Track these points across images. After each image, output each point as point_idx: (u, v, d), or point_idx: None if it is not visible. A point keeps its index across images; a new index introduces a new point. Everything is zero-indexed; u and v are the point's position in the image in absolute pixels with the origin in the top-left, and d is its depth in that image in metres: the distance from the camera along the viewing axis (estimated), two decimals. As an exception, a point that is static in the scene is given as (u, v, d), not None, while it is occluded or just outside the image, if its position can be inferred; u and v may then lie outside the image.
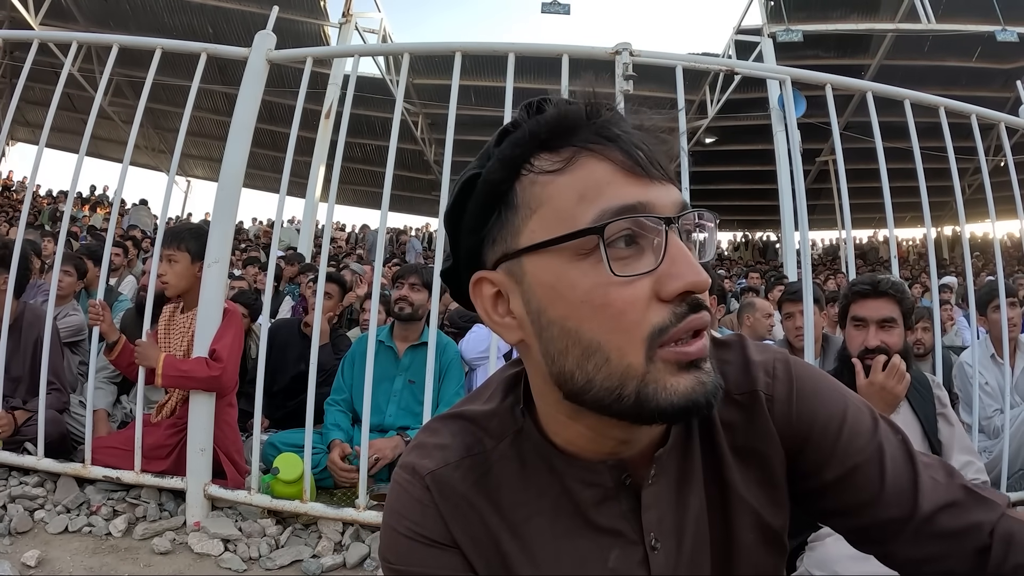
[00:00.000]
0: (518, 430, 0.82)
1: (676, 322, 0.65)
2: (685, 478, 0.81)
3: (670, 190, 0.68)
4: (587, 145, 0.68)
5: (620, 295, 0.65)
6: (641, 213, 0.65)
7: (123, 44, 3.38)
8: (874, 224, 22.78)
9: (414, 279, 3.59)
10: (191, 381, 2.94)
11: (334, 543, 2.73)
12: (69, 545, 2.62)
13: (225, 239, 3.06)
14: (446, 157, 2.96)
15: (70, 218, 3.62)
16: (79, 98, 16.08)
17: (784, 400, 0.82)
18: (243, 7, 13.91)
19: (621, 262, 0.65)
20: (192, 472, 2.89)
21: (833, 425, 0.82)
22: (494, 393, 0.87)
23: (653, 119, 0.71)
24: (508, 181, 0.71)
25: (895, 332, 2.30)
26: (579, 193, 0.67)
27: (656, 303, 0.65)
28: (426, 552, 0.80)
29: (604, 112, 0.69)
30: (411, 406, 3.55)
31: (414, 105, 17.40)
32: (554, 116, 0.69)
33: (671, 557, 0.79)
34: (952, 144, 3.32)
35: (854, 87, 3.42)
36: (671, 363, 0.65)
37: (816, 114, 9.74)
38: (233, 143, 3.10)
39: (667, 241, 0.65)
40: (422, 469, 0.81)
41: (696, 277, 0.64)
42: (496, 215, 0.72)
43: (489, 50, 3.36)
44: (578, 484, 0.78)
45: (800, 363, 0.87)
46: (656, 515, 0.79)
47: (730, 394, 0.81)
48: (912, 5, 12.47)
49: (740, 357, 0.85)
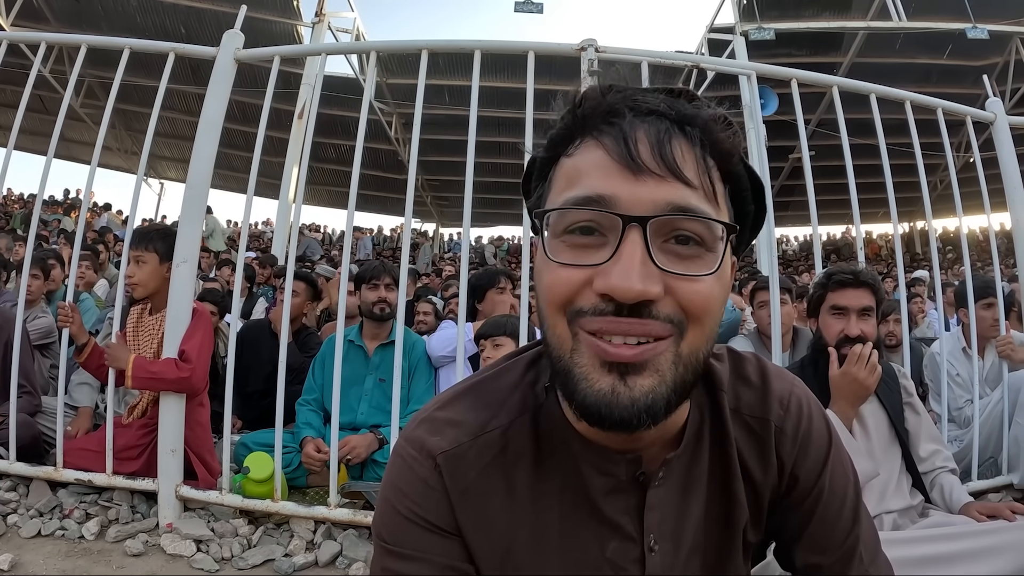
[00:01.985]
0: (539, 407, 0.83)
1: (592, 313, 0.67)
2: (690, 485, 0.83)
3: (662, 188, 0.66)
4: (595, 129, 0.70)
5: (555, 275, 0.69)
6: (596, 207, 0.66)
7: (91, 44, 3.35)
8: (848, 219, 22.99)
9: (388, 279, 3.60)
10: (161, 382, 2.92)
11: (306, 542, 2.72)
12: (42, 549, 2.60)
13: (193, 239, 3.04)
14: (412, 151, 2.95)
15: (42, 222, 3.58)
16: (52, 100, 15.83)
17: (791, 437, 0.86)
18: (215, 7, 13.81)
19: (575, 248, 0.68)
20: (163, 473, 2.88)
21: (823, 478, 0.88)
22: (515, 367, 0.88)
23: (698, 107, 0.71)
24: (550, 161, 0.75)
25: (871, 321, 2.36)
26: (568, 177, 0.70)
27: (588, 290, 0.67)
28: (424, 536, 0.79)
29: (627, 94, 0.71)
30: (382, 404, 3.54)
31: (388, 105, 17.33)
32: (587, 102, 0.72)
33: (667, 559, 0.81)
34: (922, 141, 3.36)
35: (820, 82, 3.46)
36: (595, 357, 0.67)
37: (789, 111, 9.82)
38: (201, 141, 3.08)
39: (621, 240, 0.65)
40: (434, 448, 0.80)
41: (619, 283, 0.64)
42: (541, 190, 0.77)
43: (456, 48, 3.37)
44: (592, 470, 0.79)
45: (813, 402, 0.91)
46: (658, 516, 0.81)
47: (741, 413, 0.86)
48: (883, 3, 12.61)
49: (759, 381, 0.88)
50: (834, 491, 0.87)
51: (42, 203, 3.38)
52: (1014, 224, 3.70)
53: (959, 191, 3.51)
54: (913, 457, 2.44)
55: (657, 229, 0.66)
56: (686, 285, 0.66)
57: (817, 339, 2.50)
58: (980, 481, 3.26)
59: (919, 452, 2.45)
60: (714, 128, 0.69)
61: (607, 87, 0.72)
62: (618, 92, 0.71)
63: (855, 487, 0.90)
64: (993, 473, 3.36)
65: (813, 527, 0.87)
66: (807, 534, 0.88)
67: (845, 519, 0.87)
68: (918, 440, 2.47)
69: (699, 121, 0.69)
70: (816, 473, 0.87)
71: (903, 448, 2.43)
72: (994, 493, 3.26)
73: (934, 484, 2.44)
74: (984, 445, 3.38)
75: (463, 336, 2.85)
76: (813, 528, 0.87)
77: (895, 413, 2.44)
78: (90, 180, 3.37)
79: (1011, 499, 3.16)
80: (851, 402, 2.31)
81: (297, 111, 10.56)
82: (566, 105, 0.73)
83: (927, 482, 2.44)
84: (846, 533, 0.87)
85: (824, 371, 2.36)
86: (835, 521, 0.87)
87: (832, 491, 0.87)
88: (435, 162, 18.61)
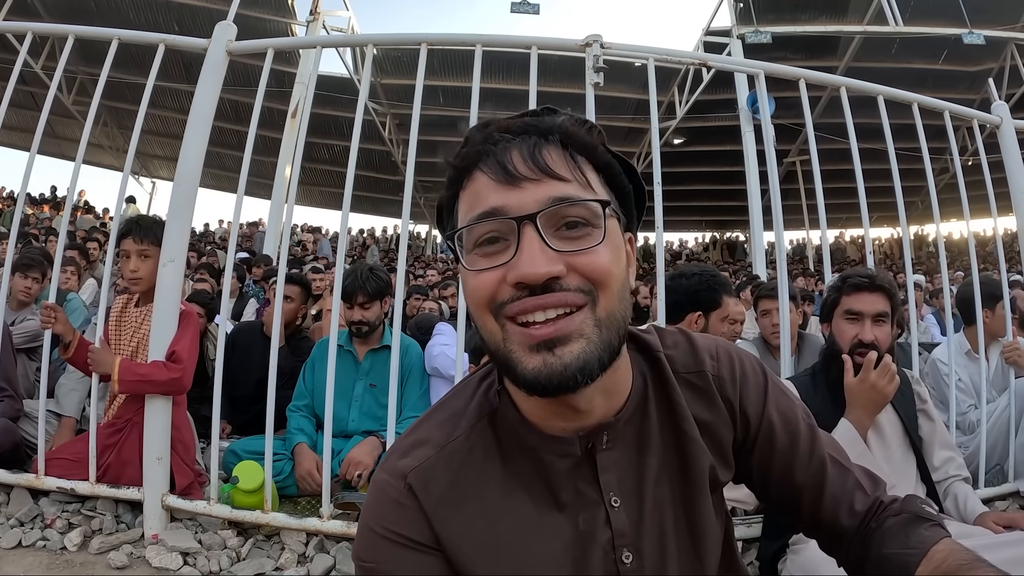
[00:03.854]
0: (494, 411, 0.92)
1: (512, 300, 0.78)
2: (644, 443, 0.92)
3: (541, 188, 0.79)
4: (476, 162, 0.83)
5: (474, 281, 0.81)
6: (493, 216, 0.80)
7: (79, 35, 3.27)
8: (841, 224, 23.11)
9: (361, 298, 3.48)
10: (150, 385, 2.82)
11: (297, 555, 2.63)
12: (23, 560, 2.51)
13: (181, 237, 2.93)
14: (410, 151, 2.87)
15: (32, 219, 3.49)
16: (43, 97, 15.74)
17: (729, 380, 0.97)
18: (208, 4, 13.73)
19: (487, 256, 0.81)
20: (149, 482, 2.78)
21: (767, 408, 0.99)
22: (469, 384, 0.98)
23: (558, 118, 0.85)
24: (454, 196, 0.88)
25: (886, 328, 2.27)
26: (468, 204, 0.84)
27: (504, 285, 0.79)
28: (400, 552, 0.85)
29: (493, 129, 0.84)
30: (373, 410, 3.48)
31: (382, 106, 17.30)
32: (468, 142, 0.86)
33: (632, 513, 0.90)
34: (919, 144, 3.32)
35: (828, 82, 3.40)
36: (523, 344, 0.78)
37: (784, 115, 9.84)
38: (191, 137, 2.98)
39: (519, 237, 0.78)
40: (404, 469, 0.88)
41: (527, 269, 0.76)
42: (452, 219, 0.89)
43: (458, 42, 3.28)
44: (552, 456, 0.88)
45: (739, 350, 1.03)
46: (615, 476, 0.90)
47: (678, 373, 0.96)
48: (880, 7, 12.71)
49: (685, 342, 1.00)
50: (784, 415, 0.99)
51: (31, 201, 3.28)
52: (1019, 228, 3.65)
53: (965, 194, 3.47)
54: (927, 466, 2.36)
55: (546, 221, 0.78)
56: (582, 258, 0.79)
57: (830, 345, 2.40)
58: (986, 489, 3.20)
59: (933, 461, 2.38)
60: (573, 130, 0.84)
61: (484, 124, 0.86)
62: (490, 126, 0.85)
63: (804, 411, 1.02)
64: (999, 480, 3.31)
65: (777, 454, 0.98)
66: (774, 463, 0.98)
67: (804, 437, 0.99)
68: (932, 448, 2.39)
69: (558, 128, 0.83)
70: (761, 404, 0.98)
71: (917, 457, 2.35)
72: (1000, 500, 3.21)
73: (947, 493, 2.36)
74: (990, 452, 3.33)
75: (461, 344, 2.75)
76: (777, 455, 0.98)
77: (909, 421, 2.37)
78: (75, 176, 3.27)
79: (1018, 507, 3.12)
80: (868, 411, 2.23)
81: (290, 111, 10.48)
82: (450, 155, 0.87)
83: (940, 491, 2.36)
84: (809, 450, 0.98)
85: (836, 378, 2.28)
86: (795, 442, 0.98)
87: (782, 416, 0.98)
88: (428, 163, 18.49)
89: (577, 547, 0.87)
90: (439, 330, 3.85)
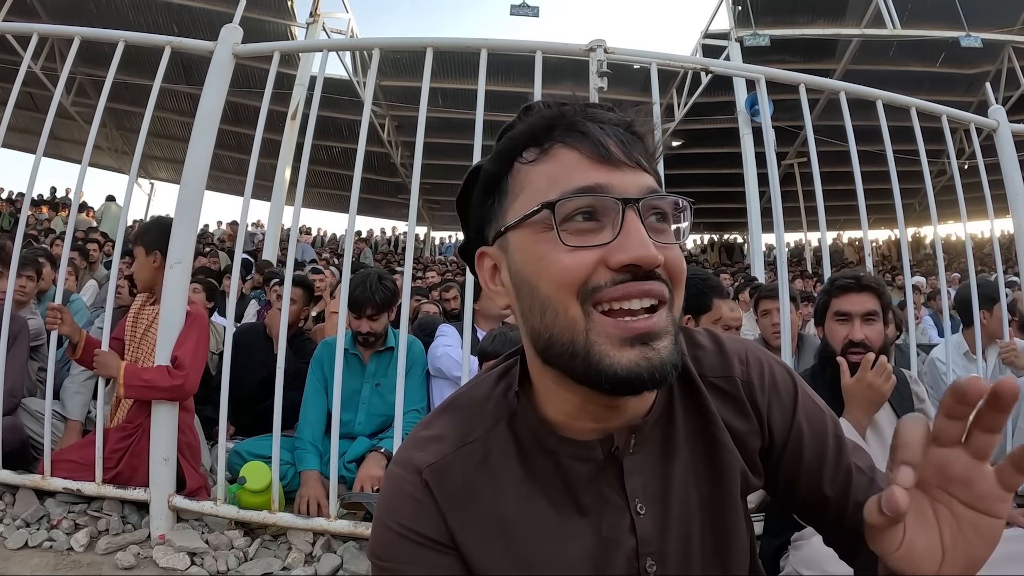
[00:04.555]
0: (512, 413, 0.88)
1: (611, 284, 0.74)
2: (670, 447, 0.89)
3: (637, 176, 0.78)
4: (562, 138, 0.79)
5: (568, 259, 0.75)
6: (597, 193, 0.75)
7: (84, 36, 3.28)
8: (838, 226, 23.13)
9: (370, 310, 3.44)
10: (153, 391, 2.84)
11: (305, 554, 2.65)
12: (29, 561, 2.53)
13: (188, 239, 2.95)
14: (417, 153, 2.89)
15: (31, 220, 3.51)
16: (43, 98, 15.70)
17: (758, 387, 0.93)
18: (209, 6, 13.71)
19: (578, 234, 0.75)
20: (155, 483, 2.80)
21: (797, 415, 0.94)
22: (486, 381, 0.93)
23: (630, 115, 0.83)
24: (503, 171, 0.84)
25: (876, 327, 2.32)
26: (550, 177, 0.78)
27: (602, 268, 0.74)
28: (417, 551, 0.82)
29: (580, 110, 0.81)
30: (379, 410, 3.48)
31: (381, 107, 17.28)
32: (539, 116, 0.81)
33: (658, 520, 0.86)
34: (916, 147, 3.34)
35: (827, 87, 3.44)
36: (615, 336, 0.74)
37: (783, 118, 9.86)
38: (197, 138, 3.01)
39: (623, 219, 0.74)
40: (420, 463, 0.85)
41: (642, 252, 0.73)
42: (493, 200, 0.85)
43: (462, 46, 3.29)
44: (573, 461, 0.85)
45: (768, 354, 0.99)
46: (640, 481, 0.86)
47: (706, 377, 0.92)
48: (878, 10, 12.72)
49: (713, 345, 0.96)
50: (812, 424, 0.94)
51: (31, 202, 3.30)
52: (1016, 230, 3.68)
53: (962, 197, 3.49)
54: None
55: (643, 208, 0.76)
56: (670, 252, 0.77)
57: (824, 347, 2.45)
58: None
59: None
60: (643, 132, 0.83)
61: (555, 102, 0.83)
62: (571, 107, 0.82)
63: (832, 419, 0.97)
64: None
65: (805, 463, 0.93)
66: (801, 473, 0.93)
67: (831, 447, 0.93)
68: None
69: (635, 127, 0.82)
70: (790, 414, 0.93)
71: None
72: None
73: None
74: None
75: (468, 348, 2.77)
76: (805, 465, 0.93)
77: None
78: (80, 179, 3.28)
79: (1015, 505, 3.14)
80: (866, 410, 2.26)
81: (290, 112, 10.48)
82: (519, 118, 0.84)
83: None
84: (836, 461, 0.93)
85: (832, 379, 2.31)
86: (823, 453, 0.93)
87: (811, 425, 0.94)
88: (427, 166, 18.55)
89: (599, 553, 0.84)
90: (442, 331, 3.86)
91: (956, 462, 0.62)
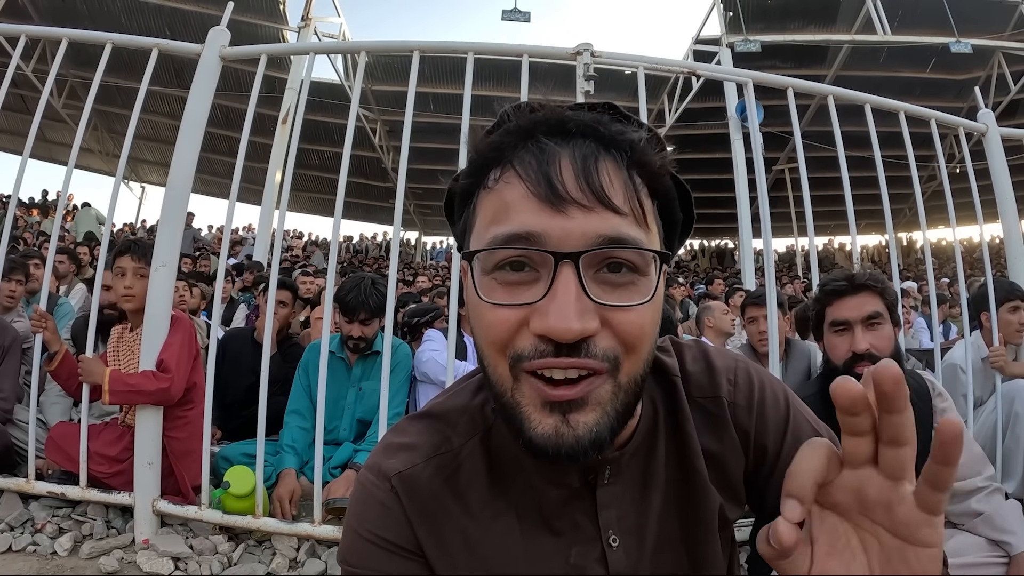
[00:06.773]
0: (488, 428, 0.84)
1: (533, 357, 0.65)
2: (649, 478, 0.84)
3: (588, 219, 0.64)
4: (514, 163, 0.67)
5: (490, 316, 0.67)
6: (525, 245, 0.65)
7: (72, 38, 3.27)
8: (829, 232, 23.22)
9: (364, 315, 3.40)
10: (140, 395, 2.82)
11: (289, 559, 2.64)
12: (13, 565, 2.51)
13: (174, 241, 2.94)
14: (403, 156, 2.88)
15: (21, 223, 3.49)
16: (33, 100, 15.66)
17: (745, 407, 0.87)
18: (200, 8, 13.74)
19: (507, 286, 0.66)
20: (140, 487, 2.78)
21: (787, 439, 0.87)
22: (464, 391, 0.89)
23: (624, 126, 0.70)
24: (472, 186, 0.73)
25: (883, 331, 2.01)
26: (493, 213, 0.68)
27: (525, 332, 0.65)
28: (386, 557, 0.80)
29: (543, 122, 0.69)
30: (363, 415, 3.46)
31: (372, 112, 17.30)
32: (504, 130, 0.70)
33: (631, 554, 0.82)
34: (906, 151, 3.35)
35: (815, 91, 3.44)
36: (536, 400, 0.66)
37: (774, 124, 9.92)
38: (183, 142, 2.99)
39: (554, 276, 0.64)
40: (389, 470, 0.82)
41: (558, 324, 0.62)
42: (465, 214, 0.76)
43: (449, 49, 3.30)
44: (546, 484, 0.81)
45: (761, 372, 0.93)
46: (615, 514, 0.82)
47: (693, 397, 0.87)
48: (868, 17, 12.82)
49: (703, 361, 0.90)
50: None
51: (20, 205, 3.27)
52: (1005, 234, 3.69)
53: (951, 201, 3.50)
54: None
55: (589, 261, 0.65)
56: (621, 316, 0.66)
57: (825, 364, 2.17)
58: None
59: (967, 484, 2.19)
60: (642, 147, 0.68)
61: (525, 106, 0.72)
62: (536, 112, 0.70)
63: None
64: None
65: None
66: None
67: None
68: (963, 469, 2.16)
69: (626, 141, 0.68)
70: (779, 438, 0.87)
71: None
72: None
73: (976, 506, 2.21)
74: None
75: (452, 353, 2.76)
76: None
77: (929, 437, 2.30)
78: (67, 181, 3.26)
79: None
80: None
81: (281, 116, 10.48)
82: (482, 132, 0.74)
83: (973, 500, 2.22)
84: None
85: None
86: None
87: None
88: (418, 170, 18.54)
89: None
90: (429, 336, 3.85)
91: (870, 485, 0.53)
